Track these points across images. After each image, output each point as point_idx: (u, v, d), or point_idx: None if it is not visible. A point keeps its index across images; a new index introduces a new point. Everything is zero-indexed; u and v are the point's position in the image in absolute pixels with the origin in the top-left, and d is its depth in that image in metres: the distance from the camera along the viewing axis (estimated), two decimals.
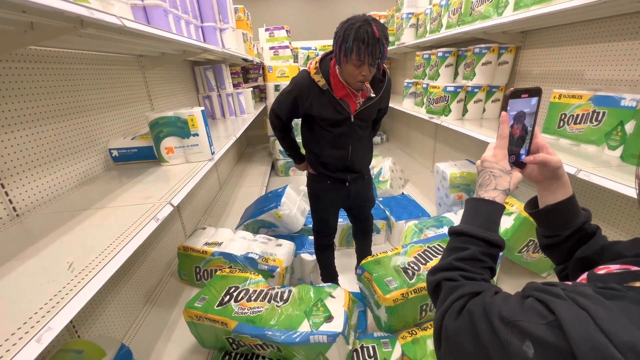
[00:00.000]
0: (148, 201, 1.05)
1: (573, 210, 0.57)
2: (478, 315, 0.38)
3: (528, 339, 0.33)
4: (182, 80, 2.61)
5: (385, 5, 5.03)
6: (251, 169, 4.08)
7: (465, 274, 0.48)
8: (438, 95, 2.33)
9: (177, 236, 2.21)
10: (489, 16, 1.82)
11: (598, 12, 1.46)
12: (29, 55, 1.14)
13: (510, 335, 0.34)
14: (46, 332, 0.53)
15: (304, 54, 4.57)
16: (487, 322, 0.37)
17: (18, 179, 1.06)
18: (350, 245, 2.28)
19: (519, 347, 0.33)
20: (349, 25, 1.14)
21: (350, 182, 1.56)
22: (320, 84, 1.32)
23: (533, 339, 0.32)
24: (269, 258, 1.71)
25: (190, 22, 1.83)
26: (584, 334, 0.29)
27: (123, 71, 1.74)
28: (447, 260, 0.51)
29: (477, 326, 0.38)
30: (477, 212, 0.55)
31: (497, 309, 0.37)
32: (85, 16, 0.77)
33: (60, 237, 0.85)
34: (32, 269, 0.71)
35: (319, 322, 1.21)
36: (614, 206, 1.57)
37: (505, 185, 0.55)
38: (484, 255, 0.50)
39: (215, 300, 1.36)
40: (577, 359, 0.29)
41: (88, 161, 1.40)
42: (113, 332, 1.45)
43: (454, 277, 0.48)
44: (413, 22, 3.06)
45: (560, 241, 0.58)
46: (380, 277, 1.48)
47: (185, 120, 1.41)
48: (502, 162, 0.57)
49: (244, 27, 3.10)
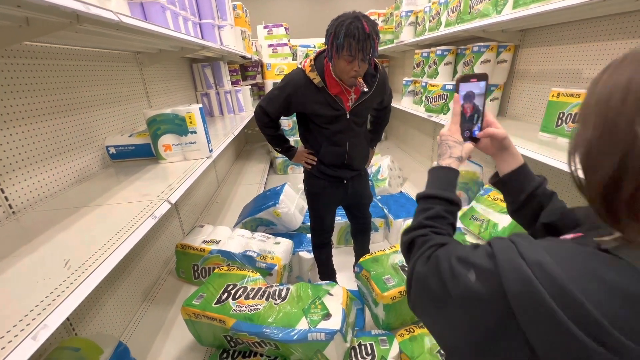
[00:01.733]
0: (145, 198, 1.04)
1: (526, 176, 0.67)
2: (442, 259, 0.46)
3: (472, 269, 0.41)
4: (180, 77, 2.60)
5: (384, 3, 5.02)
6: (249, 166, 4.07)
7: (434, 230, 0.56)
8: (437, 93, 2.33)
9: (175, 234, 2.20)
10: (488, 14, 1.82)
11: (596, 11, 1.46)
12: (25, 51, 1.13)
13: (460, 267, 0.42)
14: (42, 330, 0.53)
15: (303, 52, 4.55)
16: (448, 263, 0.45)
17: (14, 175, 1.05)
18: (349, 244, 2.29)
19: (466, 276, 0.41)
20: (340, 22, 1.15)
21: (347, 180, 1.56)
22: (316, 82, 1.32)
23: (475, 267, 0.41)
24: (267, 256, 1.71)
25: (188, 19, 1.82)
26: (507, 258, 0.38)
27: (120, 68, 1.72)
28: (418, 220, 0.59)
29: (441, 267, 0.45)
30: (437, 177, 0.64)
31: (456, 252, 0.45)
32: (81, 11, 0.76)
33: (56, 234, 0.84)
34: (28, 266, 0.71)
35: (317, 319, 1.21)
36: None
37: (458, 154, 0.65)
38: (447, 213, 0.59)
39: (213, 298, 1.36)
40: (502, 276, 0.37)
41: (85, 158, 1.39)
42: (110, 330, 1.45)
43: (425, 233, 0.56)
44: (412, 20, 3.05)
45: (520, 205, 0.67)
46: (378, 275, 1.49)
47: (183, 117, 1.40)
48: (455, 135, 0.67)
49: (242, 25, 3.08)
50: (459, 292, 0.41)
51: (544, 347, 0.34)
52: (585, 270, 0.34)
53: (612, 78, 0.37)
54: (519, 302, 0.35)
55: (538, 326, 0.34)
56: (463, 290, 0.41)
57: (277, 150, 1.62)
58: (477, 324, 0.40)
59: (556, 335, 0.33)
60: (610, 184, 0.36)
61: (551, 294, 0.33)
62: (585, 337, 0.31)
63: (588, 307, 0.32)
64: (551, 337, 0.33)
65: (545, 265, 0.35)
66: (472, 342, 0.41)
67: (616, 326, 0.31)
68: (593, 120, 0.38)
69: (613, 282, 0.33)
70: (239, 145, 4.79)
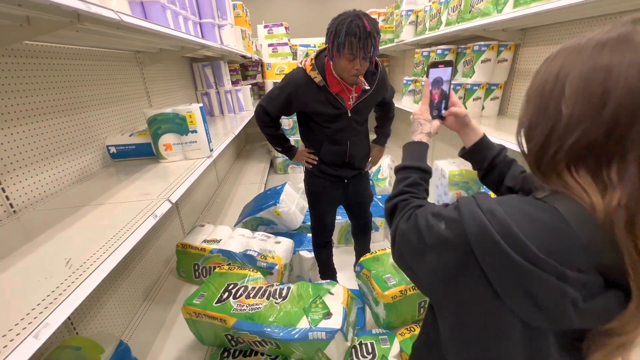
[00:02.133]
0: (146, 198, 1.04)
1: (486, 146, 0.78)
2: (420, 216, 0.54)
3: (442, 220, 0.49)
4: (180, 77, 2.60)
5: (384, 2, 5.01)
6: (250, 166, 4.07)
7: (412, 195, 0.66)
8: None
9: (175, 233, 2.21)
10: (488, 13, 1.82)
11: (597, 10, 1.46)
12: (25, 51, 1.13)
13: (434, 220, 0.51)
14: (44, 329, 0.53)
15: (303, 51, 4.55)
16: (424, 219, 0.53)
17: (15, 175, 1.05)
18: (349, 243, 2.29)
19: (438, 226, 0.49)
20: (341, 20, 1.15)
21: (348, 179, 1.56)
22: (317, 80, 1.32)
23: (444, 219, 0.49)
24: (267, 255, 1.71)
25: (189, 18, 1.82)
26: (468, 208, 0.47)
27: (121, 67, 1.72)
28: (398, 188, 0.69)
29: (419, 223, 0.53)
30: (411, 151, 0.75)
31: (431, 210, 0.54)
32: (82, 10, 0.76)
33: (57, 233, 0.84)
34: (29, 265, 0.71)
35: (318, 319, 1.21)
36: None
37: (427, 130, 0.77)
38: (422, 180, 0.70)
39: (214, 297, 1.36)
40: (464, 223, 0.46)
41: (86, 158, 1.39)
42: (111, 329, 1.45)
43: (406, 198, 0.65)
44: (412, 19, 3.05)
45: (485, 172, 0.78)
46: (378, 274, 1.49)
47: (183, 117, 1.40)
48: (425, 114, 0.79)
49: (242, 24, 3.08)
50: (432, 239, 0.50)
51: (495, 273, 0.44)
52: (523, 213, 0.44)
53: (548, 68, 0.47)
54: (476, 240, 0.44)
55: (489, 257, 0.43)
56: (435, 237, 0.49)
57: (278, 150, 1.61)
58: (447, 264, 0.48)
59: (501, 262, 0.42)
60: (540, 150, 0.47)
61: (497, 231, 0.42)
62: (522, 260, 0.41)
63: (522, 238, 0.41)
64: (498, 264, 0.43)
65: (495, 212, 0.44)
66: (445, 279, 0.49)
67: (542, 250, 0.40)
68: (533, 101, 0.48)
69: (540, 220, 0.43)
70: (239, 145, 4.79)
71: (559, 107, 0.44)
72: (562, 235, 0.41)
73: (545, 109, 0.46)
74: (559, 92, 0.44)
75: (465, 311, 0.50)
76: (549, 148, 0.46)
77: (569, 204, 0.43)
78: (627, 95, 0.39)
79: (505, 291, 0.44)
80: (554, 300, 0.41)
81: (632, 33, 0.40)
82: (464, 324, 0.51)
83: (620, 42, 0.40)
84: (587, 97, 0.41)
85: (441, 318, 0.57)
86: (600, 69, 0.41)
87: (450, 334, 0.55)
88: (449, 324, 0.55)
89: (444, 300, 0.54)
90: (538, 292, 0.41)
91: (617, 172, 0.41)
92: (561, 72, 0.44)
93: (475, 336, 0.50)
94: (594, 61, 0.41)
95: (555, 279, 0.40)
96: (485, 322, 0.48)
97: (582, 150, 0.43)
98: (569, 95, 0.43)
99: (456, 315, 0.52)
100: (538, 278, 0.41)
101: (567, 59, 0.44)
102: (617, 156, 0.41)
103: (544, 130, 0.46)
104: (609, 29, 0.42)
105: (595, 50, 0.42)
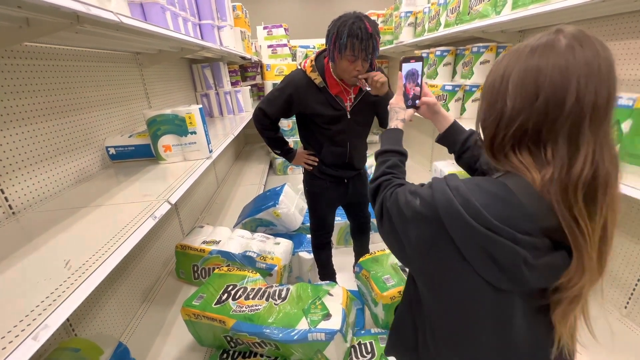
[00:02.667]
0: (145, 199, 1.04)
1: (457, 130, 0.88)
2: (400, 194, 0.61)
3: (418, 197, 0.57)
4: (179, 78, 2.60)
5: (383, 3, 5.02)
6: (249, 167, 4.07)
7: (394, 175, 0.74)
8: (436, 94, 2.33)
9: (174, 234, 2.20)
10: (487, 15, 1.82)
11: (595, 12, 1.46)
12: (24, 52, 1.13)
13: (411, 197, 0.58)
14: (43, 330, 0.53)
15: (302, 52, 4.55)
16: (404, 196, 0.60)
17: (14, 176, 1.05)
18: (348, 244, 2.29)
19: (414, 202, 0.57)
20: (342, 22, 1.16)
21: (348, 180, 1.57)
22: (317, 82, 1.32)
23: (419, 196, 0.57)
24: (267, 256, 1.71)
25: (188, 20, 1.82)
26: (439, 186, 0.54)
27: (120, 68, 1.72)
28: (381, 170, 0.76)
29: (399, 200, 0.60)
30: (388, 137, 0.84)
31: (409, 188, 0.61)
32: (81, 12, 0.77)
33: (57, 234, 0.84)
34: (28, 266, 0.71)
35: (317, 320, 1.21)
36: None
37: (402, 117, 0.87)
38: (400, 162, 0.79)
39: (213, 298, 1.36)
40: (434, 198, 0.53)
41: (85, 159, 1.39)
42: (110, 330, 1.45)
43: (388, 178, 0.72)
44: (411, 20, 3.05)
45: (458, 154, 0.87)
46: (377, 274, 1.49)
47: (183, 118, 1.40)
48: (400, 103, 0.89)
49: (242, 25, 3.09)
50: (410, 214, 0.57)
51: (461, 239, 0.51)
52: (480, 188, 0.52)
53: (496, 69, 0.56)
54: (444, 212, 0.52)
55: (455, 226, 0.51)
56: (412, 213, 0.57)
57: (277, 153, 1.61)
58: (423, 235, 0.55)
59: (465, 229, 0.50)
60: (492, 137, 0.56)
61: (460, 203, 0.50)
62: (480, 226, 0.49)
63: (480, 208, 0.49)
64: (463, 231, 0.51)
65: (459, 188, 0.52)
66: (423, 249, 0.57)
67: (496, 217, 0.48)
68: (486, 97, 0.57)
69: (494, 193, 0.51)
70: (238, 146, 4.79)
71: (504, 101, 0.53)
72: (511, 205, 0.50)
73: (494, 103, 0.55)
74: (504, 89, 0.53)
75: (441, 277, 0.57)
76: (498, 135, 0.55)
77: (516, 180, 0.52)
78: (553, 90, 0.48)
79: (470, 255, 0.52)
80: (510, 260, 0.49)
81: (555, 41, 0.49)
82: (441, 290, 0.59)
83: (546, 47, 0.49)
84: (523, 92, 0.50)
85: (421, 285, 0.65)
86: (532, 69, 0.50)
87: (430, 301, 0.63)
88: (428, 290, 0.63)
89: (424, 269, 0.61)
90: (496, 254, 0.49)
91: (551, 152, 0.50)
92: (505, 72, 0.53)
93: (451, 301, 0.58)
94: (528, 63, 0.50)
95: (509, 242, 0.48)
96: (458, 287, 0.56)
97: (523, 135, 0.52)
98: (511, 91, 0.52)
99: (433, 282, 0.60)
100: (494, 241, 0.48)
101: (509, 61, 0.53)
102: (550, 139, 0.50)
103: (494, 120, 0.55)
104: (540, 36, 0.51)
105: (529, 54, 0.51)
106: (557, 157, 0.49)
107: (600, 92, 0.46)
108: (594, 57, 0.46)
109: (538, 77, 0.49)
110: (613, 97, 0.48)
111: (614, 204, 0.49)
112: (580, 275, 0.50)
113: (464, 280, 0.54)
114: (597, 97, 0.46)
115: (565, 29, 0.49)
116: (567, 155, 0.48)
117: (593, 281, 0.51)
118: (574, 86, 0.46)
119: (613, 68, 0.47)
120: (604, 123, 0.48)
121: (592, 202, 0.48)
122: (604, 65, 0.46)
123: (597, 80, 0.46)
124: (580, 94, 0.46)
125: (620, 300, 1.53)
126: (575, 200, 0.47)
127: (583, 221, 0.47)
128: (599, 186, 0.47)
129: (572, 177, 0.47)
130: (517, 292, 0.54)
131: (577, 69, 0.46)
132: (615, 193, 0.49)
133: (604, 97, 0.46)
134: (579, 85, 0.46)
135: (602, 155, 0.47)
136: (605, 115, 0.47)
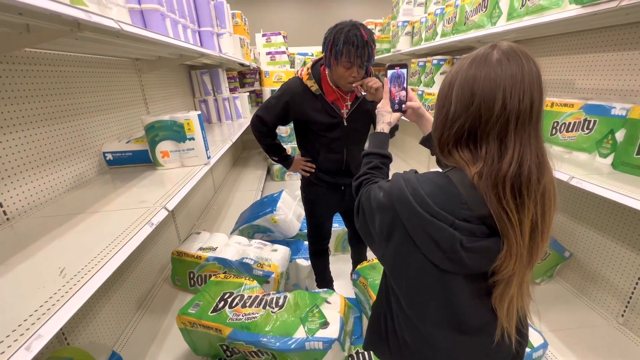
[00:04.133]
0: (142, 205, 1.03)
1: None
2: (372, 190, 0.69)
3: (382, 190, 0.65)
4: (178, 84, 2.61)
5: (381, 12, 5.10)
6: (247, 173, 4.07)
7: (374, 175, 0.80)
8: (433, 102, 2.36)
9: (171, 241, 2.18)
10: (482, 25, 1.86)
11: (589, 24, 1.50)
12: (24, 57, 1.13)
13: (377, 191, 0.66)
14: (36, 340, 0.52)
15: (301, 60, 4.60)
16: (374, 191, 0.68)
17: (9, 182, 1.04)
18: (346, 251, 2.28)
19: (378, 194, 0.65)
20: (339, 29, 1.18)
21: (345, 186, 1.57)
22: (313, 89, 1.34)
23: (382, 189, 0.65)
24: (264, 263, 1.70)
25: (188, 27, 1.83)
26: (395, 179, 0.64)
27: (119, 74, 1.73)
28: (363, 170, 0.83)
29: (371, 194, 0.69)
30: (374, 140, 0.89)
31: (378, 184, 0.69)
32: (82, 19, 0.77)
33: (51, 241, 0.83)
34: (22, 274, 0.70)
35: (315, 328, 1.20)
36: (605, 212, 1.60)
37: (388, 120, 0.91)
38: (382, 164, 0.84)
39: (210, 306, 1.34)
40: (391, 190, 0.62)
41: (81, 164, 1.38)
42: (104, 339, 1.42)
43: (368, 177, 0.79)
44: (408, 30, 3.10)
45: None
46: (375, 282, 1.48)
47: (181, 124, 1.40)
48: (386, 107, 0.92)
49: (241, 33, 3.11)
50: (375, 205, 0.66)
51: (410, 224, 0.59)
52: (428, 180, 0.60)
53: (447, 76, 0.63)
54: (397, 200, 0.60)
55: (405, 212, 0.59)
56: (377, 203, 0.65)
57: (274, 160, 1.62)
58: (384, 222, 0.63)
59: (412, 215, 0.58)
60: (439, 137, 0.64)
61: (409, 192, 0.58)
62: (424, 212, 0.57)
63: (424, 196, 0.57)
64: (411, 217, 0.58)
65: (411, 179, 0.61)
66: (385, 236, 0.64)
67: (438, 205, 0.56)
68: (437, 103, 0.65)
69: (437, 183, 0.59)
70: (236, 152, 4.79)
71: (449, 105, 0.61)
72: (451, 194, 0.58)
73: (442, 107, 0.63)
74: (450, 94, 0.61)
75: (399, 261, 0.65)
76: (444, 134, 0.62)
77: (458, 173, 0.59)
78: (484, 97, 0.55)
79: (417, 237, 0.59)
80: (448, 242, 0.56)
81: (489, 55, 0.56)
82: (399, 273, 0.67)
83: (482, 60, 0.56)
84: (462, 98, 0.58)
85: (388, 273, 0.72)
86: (470, 78, 0.57)
87: (394, 286, 0.70)
88: (391, 276, 0.70)
89: (387, 255, 0.67)
90: (436, 236, 0.57)
91: (485, 150, 0.57)
92: (451, 80, 0.61)
93: (407, 282, 0.66)
94: (467, 73, 0.58)
95: (446, 226, 0.56)
96: (412, 269, 0.63)
97: (463, 134, 0.59)
98: (454, 96, 0.60)
99: (394, 267, 0.67)
100: (436, 226, 0.56)
101: (455, 71, 0.61)
102: (484, 138, 0.57)
103: (442, 121, 0.63)
104: (480, 49, 0.58)
105: (469, 64, 0.58)
106: (489, 154, 0.56)
107: (523, 100, 0.53)
108: (518, 70, 0.53)
109: (473, 86, 0.56)
110: (537, 104, 0.54)
111: (544, 199, 0.56)
112: (509, 261, 0.56)
113: (415, 261, 0.61)
114: (520, 104, 0.53)
115: (501, 45, 0.56)
116: (497, 153, 0.55)
117: (522, 268, 0.57)
118: (501, 94, 0.53)
119: (537, 79, 0.54)
120: (529, 126, 0.55)
121: (520, 196, 0.54)
122: (527, 77, 0.53)
123: (519, 89, 0.53)
124: (506, 101, 0.53)
125: (617, 308, 1.53)
126: (504, 193, 0.54)
127: (511, 212, 0.54)
128: (523, 182, 0.54)
129: (500, 173, 0.54)
130: (461, 275, 0.60)
131: (504, 80, 0.53)
132: (545, 190, 0.56)
133: (527, 104, 0.53)
134: (505, 94, 0.53)
135: (527, 155, 0.54)
136: (529, 119, 0.54)
